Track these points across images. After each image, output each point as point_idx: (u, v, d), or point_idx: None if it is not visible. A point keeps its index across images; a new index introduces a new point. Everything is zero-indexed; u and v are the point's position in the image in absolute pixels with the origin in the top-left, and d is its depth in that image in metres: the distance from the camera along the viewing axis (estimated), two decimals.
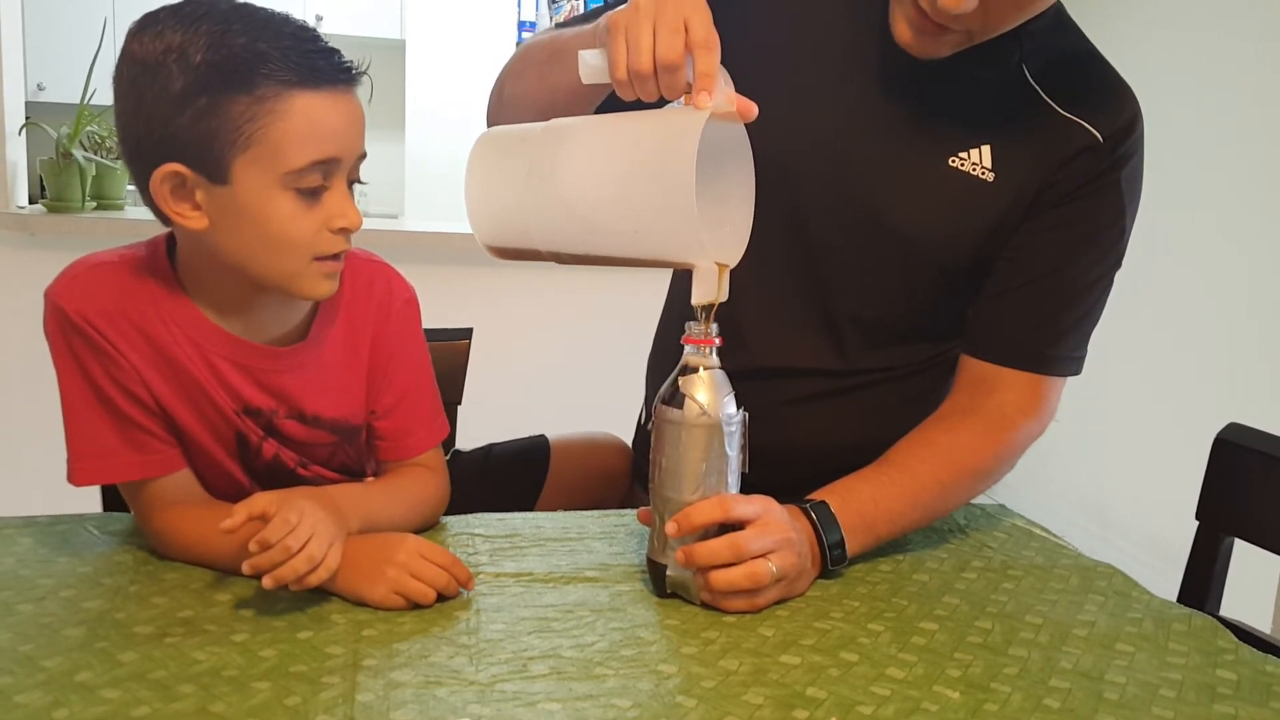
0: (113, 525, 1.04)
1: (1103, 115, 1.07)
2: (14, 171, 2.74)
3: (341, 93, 0.91)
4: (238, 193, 0.89)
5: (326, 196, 0.92)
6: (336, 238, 0.93)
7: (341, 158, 0.92)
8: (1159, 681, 0.83)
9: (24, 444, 2.71)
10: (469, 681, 0.77)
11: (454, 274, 2.86)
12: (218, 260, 0.94)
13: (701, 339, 0.91)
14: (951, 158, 1.08)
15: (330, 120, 0.90)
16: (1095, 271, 1.12)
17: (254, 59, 0.86)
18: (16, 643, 0.79)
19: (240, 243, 0.92)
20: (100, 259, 0.97)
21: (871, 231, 1.11)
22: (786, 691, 0.78)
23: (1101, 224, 1.10)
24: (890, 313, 1.16)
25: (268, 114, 0.87)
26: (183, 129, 0.87)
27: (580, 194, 0.90)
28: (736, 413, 0.92)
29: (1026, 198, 1.08)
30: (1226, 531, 1.16)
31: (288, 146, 0.88)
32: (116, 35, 0.94)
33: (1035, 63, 1.08)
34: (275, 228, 0.90)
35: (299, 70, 0.88)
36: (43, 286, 0.96)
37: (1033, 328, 1.12)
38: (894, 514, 1.04)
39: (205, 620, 0.84)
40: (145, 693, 0.73)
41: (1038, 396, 1.13)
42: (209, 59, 0.86)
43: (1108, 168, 1.07)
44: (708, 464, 0.91)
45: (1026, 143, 1.07)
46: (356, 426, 1.07)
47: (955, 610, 0.95)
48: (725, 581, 0.90)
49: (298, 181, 0.89)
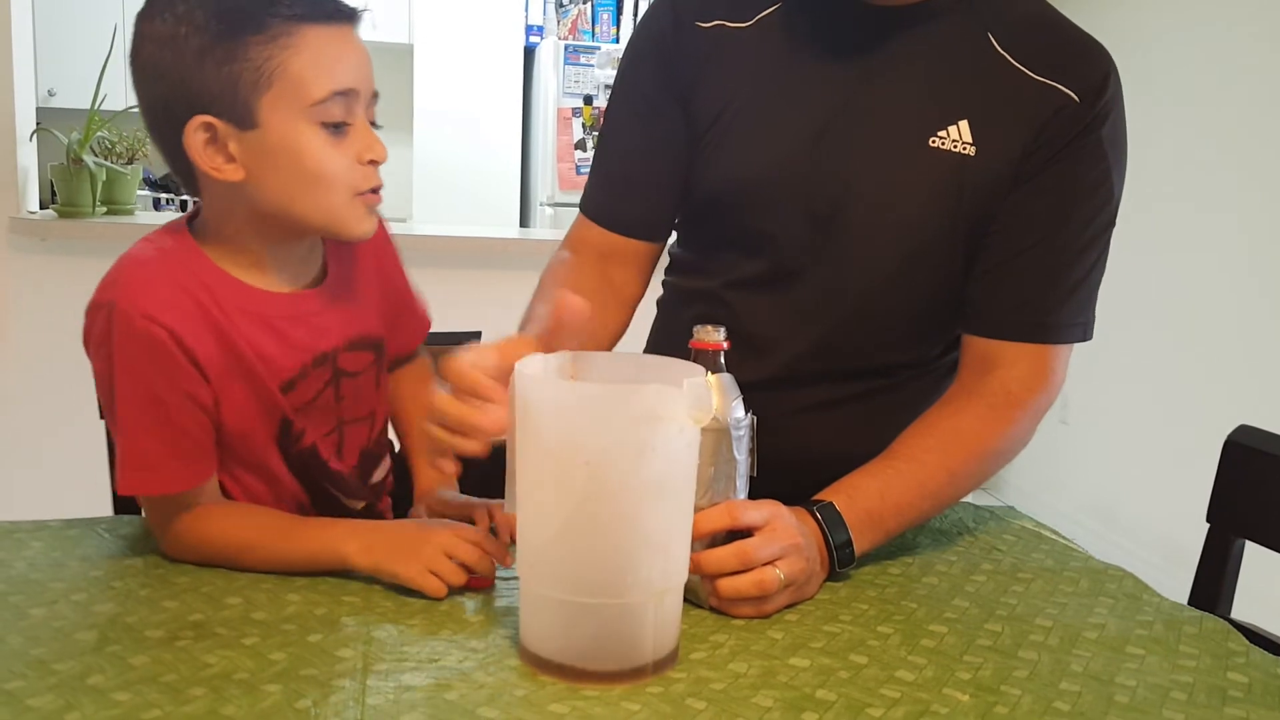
0: (123, 529, 1.04)
1: (1075, 75, 1.07)
2: (25, 177, 2.75)
3: (346, 27, 0.96)
4: (268, 135, 0.93)
5: (351, 131, 0.95)
6: (369, 171, 0.97)
7: (359, 89, 0.95)
8: (1170, 684, 0.83)
9: (34, 447, 2.73)
10: (479, 685, 0.77)
11: (463, 277, 2.87)
12: (254, 215, 0.97)
13: (709, 344, 0.91)
14: (931, 138, 1.08)
15: (340, 51, 0.94)
16: (1087, 234, 1.11)
17: (260, 2, 0.91)
18: (28, 646, 0.79)
19: (280, 186, 0.95)
20: (138, 258, 0.97)
21: (865, 224, 1.11)
22: (796, 694, 0.78)
23: (1088, 185, 1.09)
24: (896, 306, 1.15)
25: (282, 49, 0.91)
26: (207, 81, 0.91)
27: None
28: (745, 417, 0.92)
29: (1011, 166, 1.08)
30: (1237, 534, 1.16)
31: (308, 78, 0.92)
32: (126, 41, 0.96)
33: (1000, 31, 1.09)
34: (311, 163, 0.94)
35: (304, 5, 0.92)
36: (53, 291, 0.97)
37: (1029, 298, 1.11)
38: (902, 506, 1.03)
39: (216, 623, 0.85)
40: (156, 696, 0.73)
41: (1043, 368, 1.11)
42: (217, 11, 0.91)
43: (1086, 127, 1.07)
44: (716, 469, 0.91)
45: (1003, 112, 1.08)
46: (382, 339, 1.13)
47: (965, 613, 0.95)
48: (733, 589, 0.89)
49: (322, 115, 0.93)
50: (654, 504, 0.78)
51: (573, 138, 4.70)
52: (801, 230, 1.13)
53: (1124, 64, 1.13)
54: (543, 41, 4.95)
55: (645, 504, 0.78)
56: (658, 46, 1.19)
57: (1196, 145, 3.49)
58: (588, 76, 4.66)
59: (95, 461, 1.28)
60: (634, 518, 0.78)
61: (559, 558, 0.80)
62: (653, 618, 0.80)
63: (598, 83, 4.70)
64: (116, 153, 2.89)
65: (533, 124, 5.06)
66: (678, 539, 0.81)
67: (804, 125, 1.12)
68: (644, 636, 0.79)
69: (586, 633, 0.79)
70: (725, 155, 1.15)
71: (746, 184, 1.14)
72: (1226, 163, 3.36)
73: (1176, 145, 3.58)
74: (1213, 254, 3.39)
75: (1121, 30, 3.81)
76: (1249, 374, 3.22)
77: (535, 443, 0.80)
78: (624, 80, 1.24)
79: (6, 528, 1.02)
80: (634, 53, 1.22)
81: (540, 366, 0.86)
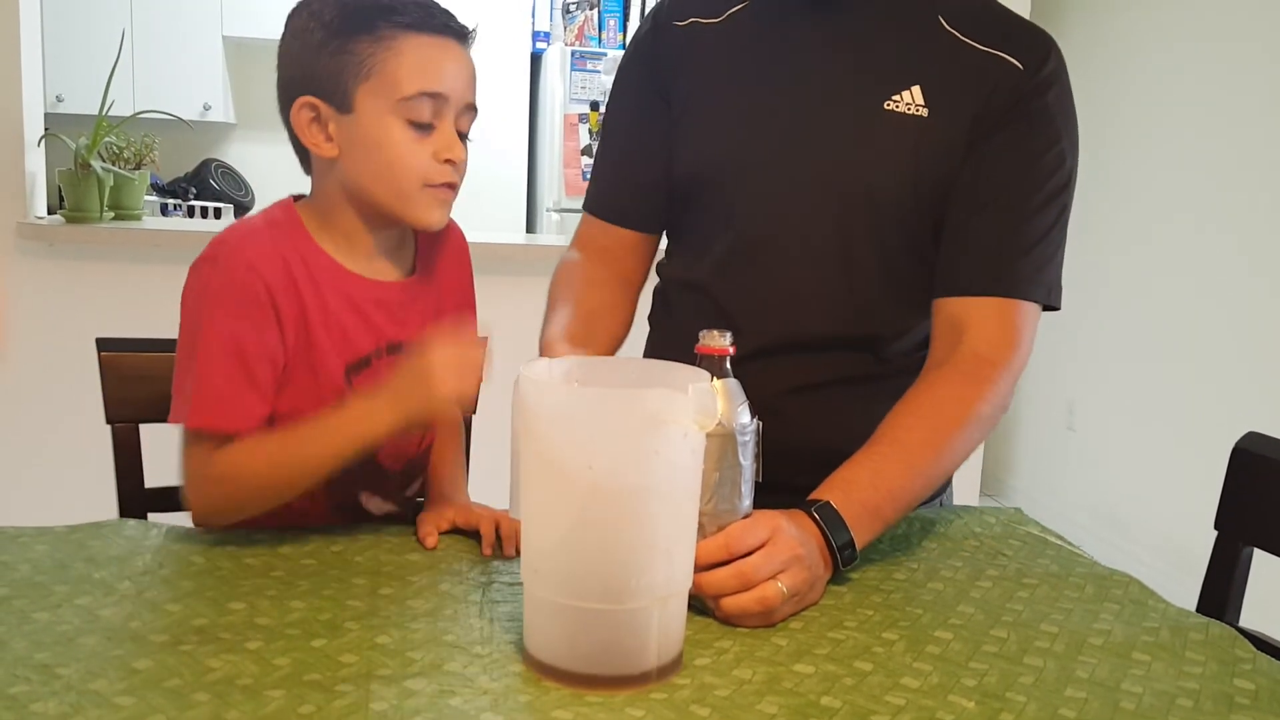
0: (127, 532, 1.04)
1: (1020, 46, 1.16)
2: (33, 182, 2.76)
3: (451, 42, 1.06)
4: (360, 119, 1.04)
5: (435, 132, 1.05)
6: (444, 168, 1.06)
7: (448, 95, 1.05)
8: (1176, 691, 0.83)
9: (40, 451, 2.73)
10: (483, 690, 0.77)
11: None
12: (347, 196, 1.08)
13: (715, 349, 0.91)
14: (886, 101, 1.16)
15: (438, 60, 1.05)
16: (1040, 196, 1.15)
17: (378, 9, 1.03)
18: (32, 651, 0.79)
19: (363, 168, 1.06)
20: (249, 223, 1.09)
21: (829, 190, 1.17)
22: (801, 700, 0.78)
23: (1038, 148, 1.15)
24: (868, 270, 1.19)
25: (385, 49, 1.03)
26: (320, 68, 1.04)
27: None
28: (750, 422, 0.92)
29: (963, 132, 1.15)
30: (1245, 541, 1.15)
31: (401, 76, 1.03)
32: (134, 47, 0.97)
33: (948, 12, 1.18)
34: (390, 152, 1.04)
35: (414, 16, 1.04)
36: (61, 296, 0.98)
37: (989, 254, 1.16)
38: (896, 491, 1.03)
39: (219, 628, 0.85)
40: (160, 700, 0.73)
41: (1010, 326, 1.14)
42: (341, 12, 1.04)
43: (1031, 91, 1.15)
44: (721, 474, 0.90)
45: (953, 80, 1.16)
46: None
47: (970, 619, 0.94)
48: (737, 608, 0.89)
49: (409, 112, 1.03)
50: (658, 509, 0.78)
51: (579, 143, 4.70)
52: (767, 199, 1.19)
53: (1128, 68, 1.14)
54: (549, 47, 4.96)
55: (649, 509, 0.78)
56: (641, 50, 1.32)
57: (1202, 150, 3.48)
58: (594, 82, 4.66)
59: (100, 465, 1.29)
60: (638, 523, 0.78)
61: (563, 563, 0.79)
62: (657, 623, 0.79)
63: (604, 89, 4.69)
64: (124, 158, 2.89)
65: (539, 130, 5.07)
66: (682, 544, 0.81)
67: (764, 100, 1.20)
68: (648, 642, 0.79)
69: (590, 638, 0.79)
70: (694, 137, 1.24)
71: (712, 160, 1.22)
72: (1232, 167, 3.35)
73: (1181, 150, 3.57)
74: (1219, 259, 3.38)
75: (1130, 34, 3.82)
76: (1256, 379, 3.21)
77: (539, 448, 0.80)
78: (617, 85, 1.36)
79: (10, 532, 1.02)
80: (625, 59, 1.35)
81: (544, 371, 0.86)
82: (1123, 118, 3.79)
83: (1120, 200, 3.76)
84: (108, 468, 1.25)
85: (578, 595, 0.79)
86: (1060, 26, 4.14)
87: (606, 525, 0.78)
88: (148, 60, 4.70)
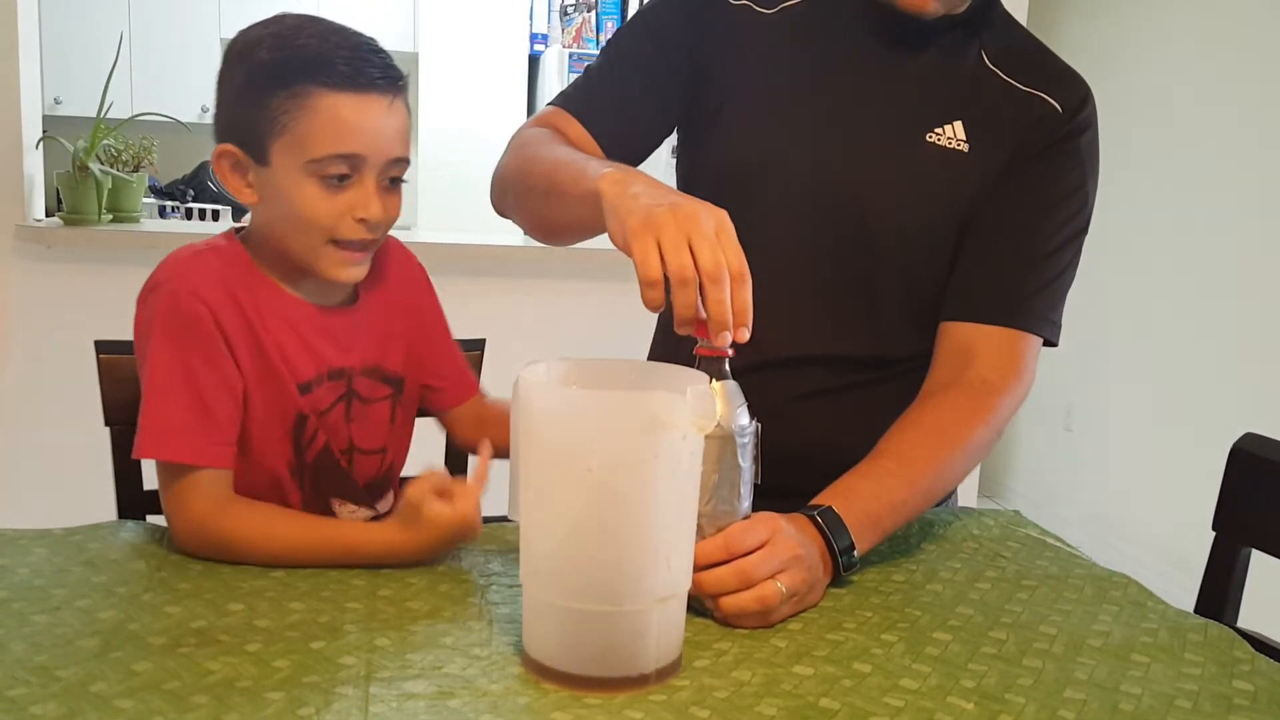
0: (126, 535, 1.04)
1: (1059, 91, 1.19)
2: (31, 184, 2.75)
3: (376, 98, 1.03)
4: (275, 173, 1.03)
5: (352, 187, 1.03)
6: (357, 226, 1.04)
7: (365, 155, 1.02)
8: (1175, 692, 0.83)
9: (37, 453, 2.73)
10: (482, 692, 0.77)
11: (467, 285, 2.87)
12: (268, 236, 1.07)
13: (715, 351, 0.91)
14: (929, 134, 1.18)
15: (354, 121, 1.01)
16: (1061, 236, 1.18)
17: (302, 64, 1.01)
18: (31, 653, 0.79)
19: (274, 218, 1.06)
20: (194, 250, 1.07)
21: (863, 213, 1.17)
22: (799, 702, 0.78)
23: (1064, 189, 1.18)
24: (892, 296, 1.20)
25: (299, 108, 1.00)
26: (237, 117, 1.04)
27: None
28: (749, 424, 0.92)
29: (1000, 165, 1.17)
30: (1244, 542, 1.16)
31: (312, 137, 1.01)
32: (132, 49, 0.98)
33: (993, 52, 1.20)
34: (298, 207, 1.03)
35: (335, 75, 1.01)
36: (58, 298, 0.98)
37: (1005, 285, 1.17)
38: (896, 504, 1.04)
39: (219, 630, 0.85)
40: (159, 703, 0.73)
41: (1015, 358, 1.16)
42: (268, 59, 1.02)
43: (1066, 135, 1.18)
44: (720, 475, 0.90)
45: (994, 116, 1.18)
46: (402, 379, 1.18)
47: (969, 620, 0.95)
48: (736, 607, 0.89)
49: (320, 170, 1.01)
50: (657, 511, 0.78)
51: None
52: (801, 217, 1.18)
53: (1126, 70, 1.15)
54: (547, 50, 4.96)
55: (649, 511, 0.78)
56: (691, 6, 1.24)
57: (1200, 151, 3.48)
58: None
59: (98, 468, 1.28)
60: (637, 525, 0.78)
61: (562, 565, 0.80)
62: (656, 625, 0.79)
63: None
64: (122, 161, 2.89)
65: None
66: (681, 546, 0.81)
67: (807, 116, 1.19)
68: (647, 644, 0.79)
69: (589, 640, 0.79)
70: (731, 137, 1.21)
71: (748, 168, 1.20)
72: (1230, 169, 3.35)
73: (1178, 154, 3.58)
74: (1216, 261, 3.39)
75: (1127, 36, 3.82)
76: (1254, 381, 3.21)
77: (538, 450, 0.80)
78: (648, 16, 1.27)
79: (9, 534, 1.02)
80: (670, 2, 1.25)
81: (543, 373, 0.86)
82: (1121, 119, 3.79)
83: (1118, 202, 3.76)
84: (106, 470, 1.25)
85: (577, 597, 0.79)
86: (1055, 29, 4.14)
87: (605, 527, 0.78)
88: (146, 62, 4.71)
